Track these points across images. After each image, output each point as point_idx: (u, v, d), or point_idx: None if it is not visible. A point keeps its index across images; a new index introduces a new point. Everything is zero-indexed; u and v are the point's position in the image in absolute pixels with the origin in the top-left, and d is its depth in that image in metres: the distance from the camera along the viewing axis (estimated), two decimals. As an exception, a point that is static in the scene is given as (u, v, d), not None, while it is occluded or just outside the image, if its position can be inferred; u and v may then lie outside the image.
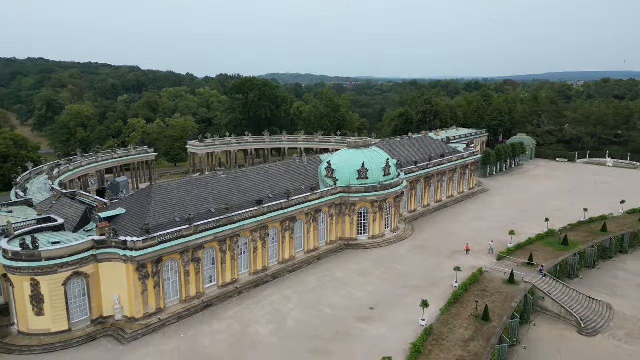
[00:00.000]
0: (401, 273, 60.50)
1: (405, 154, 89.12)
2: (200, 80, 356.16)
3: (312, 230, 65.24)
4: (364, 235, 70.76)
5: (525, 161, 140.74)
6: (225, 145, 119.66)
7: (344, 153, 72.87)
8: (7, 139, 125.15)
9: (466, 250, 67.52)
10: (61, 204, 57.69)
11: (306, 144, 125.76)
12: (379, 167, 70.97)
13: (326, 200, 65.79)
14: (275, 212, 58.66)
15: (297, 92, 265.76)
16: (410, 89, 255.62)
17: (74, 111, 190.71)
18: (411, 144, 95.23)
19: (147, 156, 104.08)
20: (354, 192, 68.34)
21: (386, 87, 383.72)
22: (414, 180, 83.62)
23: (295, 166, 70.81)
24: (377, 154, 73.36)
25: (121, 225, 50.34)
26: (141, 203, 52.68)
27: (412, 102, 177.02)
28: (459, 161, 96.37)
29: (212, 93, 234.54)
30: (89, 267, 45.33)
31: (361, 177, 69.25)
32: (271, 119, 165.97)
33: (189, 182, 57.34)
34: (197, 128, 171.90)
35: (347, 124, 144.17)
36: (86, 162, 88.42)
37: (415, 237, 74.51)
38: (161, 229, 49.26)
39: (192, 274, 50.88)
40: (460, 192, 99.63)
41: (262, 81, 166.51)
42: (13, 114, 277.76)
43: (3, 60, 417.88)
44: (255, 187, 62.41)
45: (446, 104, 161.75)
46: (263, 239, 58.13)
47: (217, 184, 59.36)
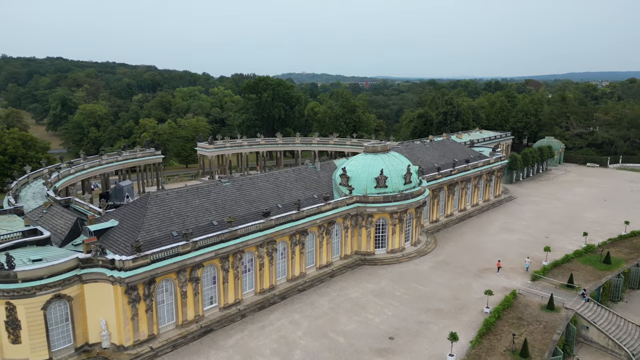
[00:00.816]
0: (424, 294, 54.12)
1: (427, 159, 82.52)
2: (215, 80, 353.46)
3: (325, 244, 59.35)
4: (382, 249, 64.56)
5: (554, 166, 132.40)
6: (235, 148, 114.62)
7: (360, 159, 66.76)
8: (15, 139, 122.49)
9: (497, 267, 60.80)
10: (52, 213, 52.99)
11: (320, 147, 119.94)
12: (399, 175, 64.68)
13: (341, 211, 59.82)
14: (284, 224, 52.95)
15: (313, 92, 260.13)
16: (428, 89, 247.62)
17: (87, 111, 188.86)
18: (433, 147, 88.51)
19: (154, 158, 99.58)
20: (372, 202, 62.21)
21: (403, 87, 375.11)
22: (436, 188, 77.00)
23: (307, 172, 65.00)
24: (396, 159, 67.05)
25: (113, 240, 45.27)
26: (135, 214, 47.52)
27: (432, 102, 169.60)
28: (484, 167, 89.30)
29: (225, 93, 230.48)
30: (73, 289, 40.25)
31: (379, 185, 63.06)
32: (285, 120, 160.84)
33: (190, 191, 51.99)
34: (209, 128, 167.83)
35: (364, 126, 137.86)
36: (89, 165, 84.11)
37: (438, 251, 67.96)
38: (156, 244, 44.00)
39: (189, 295, 45.49)
40: (485, 200, 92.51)
41: (275, 80, 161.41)
42: (29, 113, 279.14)
43: (22, 60, 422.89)
44: (263, 196, 56.80)
45: (468, 105, 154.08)
46: (270, 255, 52.46)
47: (220, 193, 53.91)
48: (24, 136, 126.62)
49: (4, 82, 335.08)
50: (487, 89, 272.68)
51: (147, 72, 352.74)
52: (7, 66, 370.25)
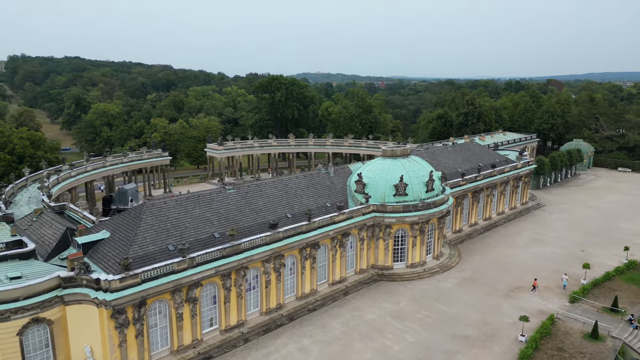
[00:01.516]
0: (449, 317, 48.34)
1: (449, 164, 76.47)
2: (229, 80, 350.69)
3: (339, 258, 54.00)
4: (401, 263, 58.92)
5: (583, 170, 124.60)
6: (246, 149, 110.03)
7: (378, 163, 61.20)
8: (24, 139, 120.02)
9: (533, 286, 54.63)
10: (42, 221, 48.78)
11: (334, 148, 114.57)
12: (420, 182, 58.94)
13: (356, 221, 54.39)
14: (293, 237, 47.79)
15: (328, 91, 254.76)
16: (446, 89, 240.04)
17: (100, 110, 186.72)
18: (455, 151, 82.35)
19: (161, 160, 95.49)
20: (390, 212, 56.62)
21: (420, 87, 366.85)
22: (460, 195, 70.97)
23: (319, 178, 59.73)
24: (418, 165, 61.31)
25: (102, 254, 40.68)
26: (129, 226, 42.89)
27: (451, 102, 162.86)
28: (511, 172, 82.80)
29: (239, 92, 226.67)
30: (54, 312, 35.73)
31: (399, 193, 57.43)
32: (298, 120, 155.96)
33: (190, 200, 47.20)
34: (221, 128, 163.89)
35: (380, 127, 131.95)
36: (92, 167, 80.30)
37: (462, 265, 62.01)
38: (149, 260, 39.28)
39: (186, 317, 40.65)
40: (512, 207, 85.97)
41: (289, 80, 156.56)
42: (44, 112, 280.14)
43: (40, 59, 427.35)
44: (271, 204, 51.72)
45: (490, 105, 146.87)
46: (278, 271, 47.35)
47: (224, 202, 49.00)
48: (32, 135, 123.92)
49: (22, 81, 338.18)
50: (507, 89, 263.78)
51: (162, 72, 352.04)
52: (25, 65, 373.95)
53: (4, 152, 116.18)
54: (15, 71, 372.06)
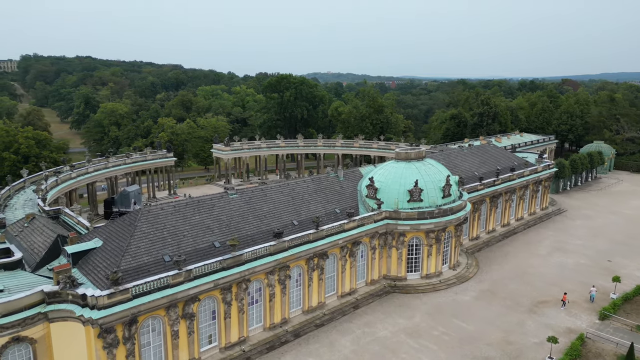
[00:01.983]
0: (468, 335, 44.48)
1: (466, 167, 72.44)
2: (239, 79, 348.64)
3: (349, 268, 50.41)
4: (415, 274, 55.13)
5: (603, 173, 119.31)
6: (253, 150, 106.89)
7: (391, 167, 57.45)
8: (29, 138, 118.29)
9: (562, 302, 50.49)
10: (33, 227, 45.93)
11: (344, 150, 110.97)
12: (436, 187, 55.08)
13: (367, 229, 50.75)
14: (300, 246, 44.33)
15: (338, 91, 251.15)
16: (459, 89, 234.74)
17: (108, 109, 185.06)
18: (472, 153, 78.21)
19: (166, 161, 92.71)
20: (404, 219, 52.86)
21: (431, 87, 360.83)
22: (477, 201, 66.89)
23: (328, 182, 56.18)
24: (433, 168, 57.44)
25: (93, 265, 37.65)
26: (122, 234, 39.80)
27: (465, 102, 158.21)
28: (531, 176, 78.41)
29: (248, 92, 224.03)
30: (37, 329, 32.70)
31: (413, 199, 53.65)
32: (307, 120, 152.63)
33: (189, 205, 44.00)
34: (229, 128, 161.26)
35: (391, 127, 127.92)
36: (94, 168, 77.71)
37: (481, 276, 58.00)
38: (143, 272, 36.14)
39: (182, 335, 37.38)
40: (531, 213, 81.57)
41: (298, 79, 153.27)
42: (55, 111, 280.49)
43: (52, 58, 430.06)
44: (276, 210, 48.33)
45: (506, 105, 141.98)
46: (283, 283, 43.92)
47: (225, 208, 45.72)
48: (38, 135, 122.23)
49: (33, 80, 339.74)
50: (521, 88, 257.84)
51: (172, 71, 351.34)
52: (37, 65, 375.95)
53: (9, 151, 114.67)
54: (27, 70, 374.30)
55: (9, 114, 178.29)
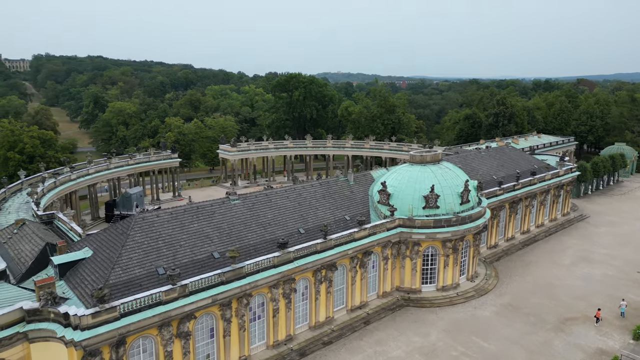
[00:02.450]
0: (490, 357, 40.62)
1: (484, 170, 68.42)
2: (248, 79, 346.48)
3: (359, 280, 46.83)
4: (431, 286, 51.35)
5: (625, 177, 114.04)
6: (260, 151, 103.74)
7: (405, 171, 53.71)
8: (34, 138, 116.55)
9: (596, 318, 46.40)
10: (22, 234, 43.11)
11: (354, 151, 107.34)
12: (454, 192, 51.24)
13: (379, 238, 47.12)
14: (306, 258, 40.88)
15: (348, 91, 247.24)
16: (471, 88, 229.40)
17: (116, 109, 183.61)
18: (490, 156, 74.11)
19: (170, 162, 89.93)
20: (419, 227, 49.13)
21: (443, 87, 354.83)
22: (496, 207, 62.84)
23: (337, 187, 52.66)
24: (451, 172, 53.58)
25: (81, 277, 34.64)
26: (114, 243, 36.72)
27: (479, 102, 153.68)
28: (553, 180, 74.06)
29: (257, 91, 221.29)
30: (15, 351, 29.70)
31: (429, 205, 49.89)
32: (317, 120, 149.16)
33: (187, 212, 40.80)
34: (237, 128, 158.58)
35: (403, 127, 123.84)
36: (94, 170, 75.09)
37: (501, 289, 53.98)
38: (134, 287, 33.02)
39: (177, 355, 34.11)
40: (552, 219, 77.16)
41: (308, 78, 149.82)
42: (64, 110, 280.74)
43: (64, 58, 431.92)
44: (281, 217, 44.96)
45: (522, 106, 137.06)
46: (287, 297, 40.51)
47: (227, 215, 42.46)
48: (43, 134, 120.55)
49: (44, 79, 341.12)
50: (536, 88, 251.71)
51: (182, 71, 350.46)
52: (48, 64, 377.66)
53: (14, 151, 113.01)
54: (38, 70, 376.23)
55: (17, 113, 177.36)
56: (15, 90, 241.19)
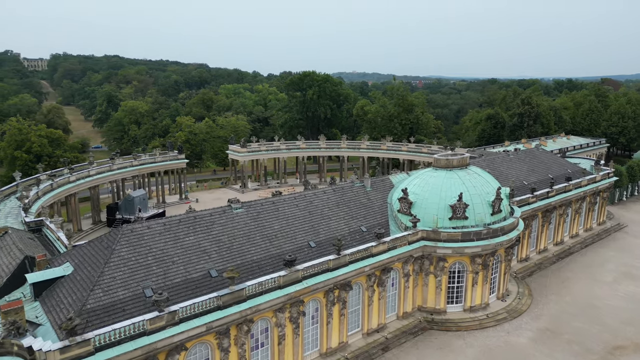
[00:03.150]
0: (530, 396, 34.95)
1: (513, 175, 62.35)
2: (262, 78, 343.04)
3: (376, 300, 41.54)
4: (457, 306, 45.77)
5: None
6: (272, 152, 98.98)
7: (428, 176, 48.15)
8: (42, 137, 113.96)
9: None
10: (2, 244, 38.94)
11: (370, 152, 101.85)
12: (484, 201, 45.54)
13: (400, 253, 41.74)
14: (317, 276, 35.79)
15: (363, 90, 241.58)
16: (490, 88, 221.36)
17: (129, 107, 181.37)
18: (519, 159, 67.92)
19: (177, 163, 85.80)
20: (445, 241, 43.61)
21: (460, 86, 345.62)
22: (528, 216, 56.79)
23: (352, 193, 47.43)
24: (480, 179, 47.87)
25: (59, 298, 30.17)
26: (97, 259, 32.18)
27: (502, 102, 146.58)
28: (589, 186, 67.56)
29: (270, 90, 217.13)
30: (-28, 389, 25.22)
31: (456, 216, 44.30)
32: (331, 120, 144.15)
33: (182, 223, 36.05)
34: (249, 128, 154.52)
35: (422, 128, 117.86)
36: (96, 171, 71.22)
37: (536, 309, 48.05)
38: (116, 313, 28.42)
39: (164, 392, 29.34)
40: (587, 229, 70.63)
41: (322, 76, 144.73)
42: (79, 109, 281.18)
43: (80, 57, 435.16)
44: (289, 229, 39.95)
45: (548, 105, 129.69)
46: (295, 321, 35.44)
47: (228, 225, 37.61)
48: (51, 134, 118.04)
49: (61, 78, 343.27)
50: (558, 88, 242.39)
51: (196, 70, 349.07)
52: (65, 63, 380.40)
53: (21, 150, 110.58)
54: (56, 69, 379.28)
55: (29, 111, 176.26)
56: (29, 89, 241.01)
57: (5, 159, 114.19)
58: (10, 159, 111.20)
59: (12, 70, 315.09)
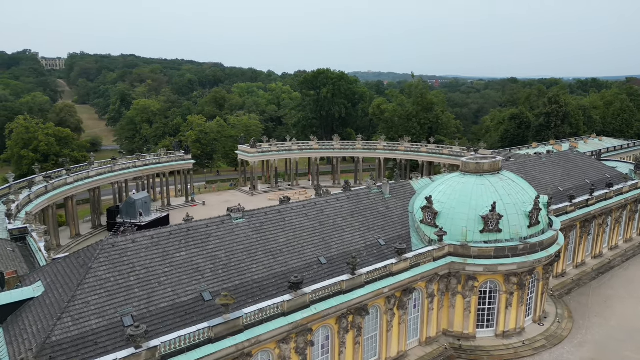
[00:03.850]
0: None
1: (547, 180, 56.37)
2: (276, 77, 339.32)
3: (396, 325, 36.24)
4: (488, 330, 40.16)
5: None
6: (283, 153, 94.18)
7: (456, 182, 42.59)
8: (49, 135, 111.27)
9: None
10: (-24, 256, 34.78)
11: (387, 153, 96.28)
12: (520, 211, 39.86)
13: (424, 271, 36.36)
14: (327, 300, 30.69)
15: (379, 89, 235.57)
16: (512, 87, 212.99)
17: (140, 106, 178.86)
18: (553, 163, 61.77)
19: (183, 164, 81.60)
20: (475, 257, 38.07)
21: (478, 85, 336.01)
22: (566, 227, 50.67)
23: (369, 201, 42.21)
24: (515, 185, 42.14)
25: (24, 326, 25.69)
26: (72, 277, 27.65)
27: (526, 101, 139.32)
28: (631, 192, 61.02)
29: (284, 89, 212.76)
30: None
31: (489, 228, 38.72)
32: (345, 119, 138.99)
33: (173, 236, 31.34)
34: (261, 128, 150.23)
35: (442, 128, 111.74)
36: (96, 173, 67.31)
37: (579, 335, 42.10)
38: (87, 346, 23.81)
39: None
40: (627, 239, 64.11)
41: (337, 74, 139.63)
42: (94, 108, 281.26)
43: (97, 57, 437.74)
44: (297, 242, 34.95)
45: (577, 104, 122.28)
46: (302, 353, 30.39)
47: (226, 238, 32.79)
48: (59, 132, 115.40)
49: (77, 77, 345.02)
50: (583, 87, 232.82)
51: (210, 69, 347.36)
52: (81, 62, 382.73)
53: (27, 149, 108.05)
54: (72, 68, 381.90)
55: (41, 110, 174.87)
56: (42, 87, 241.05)
57: (12, 158, 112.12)
58: (17, 158, 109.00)
59: (29, 69, 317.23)
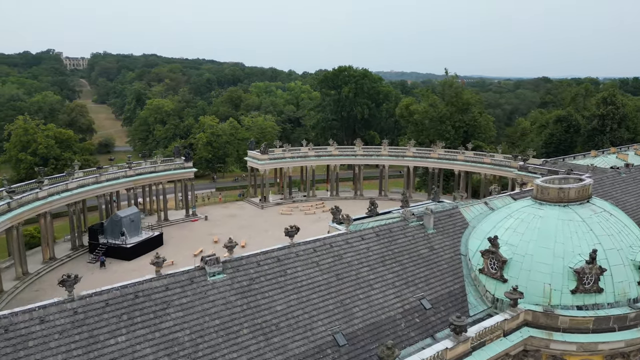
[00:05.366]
0: None
1: (631, 203, 43.48)
2: (297, 76, 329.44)
3: None
4: None
5: None
6: (297, 160, 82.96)
7: (530, 216, 30.33)
8: (49, 137, 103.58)
9: None
10: None
11: (417, 161, 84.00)
12: (627, 261, 27.51)
13: (491, 355, 24.43)
14: (347, 416, 19.20)
15: (404, 88, 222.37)
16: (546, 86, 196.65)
17: (154, 106, 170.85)
18: (634, 179, 48.72)
19: (182, 173, 71.37)
20: (565, 330, 25.93)
21: (506, 85, 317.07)
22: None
23: (406, 238, 30.48)
24: (616, 222, 29.72)
25: None
26: None
27: (572, 101, 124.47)
28: None
29: (303, 88, 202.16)
30: None
31: (584, 287, 26.54)
32: (369, 121, 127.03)
33: (112, 306, 20.42)
34: (278, 129, 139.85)
35: (480, 132, 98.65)
36: (77, 184, 57.33)
37: None
38: None
39: None
40: None
41: (359, 72, 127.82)
42: (111, 107, 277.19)
43: (119, 56, 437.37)
44: (302, 310, 23.60)
45: (634, 106, 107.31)
46: None
47: (195, 309, 21.68)
48: (60, 134, 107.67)
49: (97, 77, 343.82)
50: (623, 87, 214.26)
51: (229, 68, 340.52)
52: (102, 62, 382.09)
53: (26, 152, 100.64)
54: (94, 68, 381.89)
55: (52, 109, 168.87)
56: (58, 87, 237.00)
57: (9, 161, 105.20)
58: (14, 161, 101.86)
59: (49, 68, 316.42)
